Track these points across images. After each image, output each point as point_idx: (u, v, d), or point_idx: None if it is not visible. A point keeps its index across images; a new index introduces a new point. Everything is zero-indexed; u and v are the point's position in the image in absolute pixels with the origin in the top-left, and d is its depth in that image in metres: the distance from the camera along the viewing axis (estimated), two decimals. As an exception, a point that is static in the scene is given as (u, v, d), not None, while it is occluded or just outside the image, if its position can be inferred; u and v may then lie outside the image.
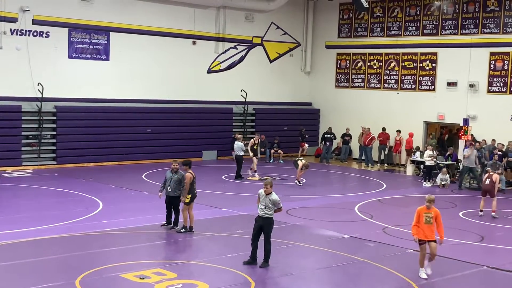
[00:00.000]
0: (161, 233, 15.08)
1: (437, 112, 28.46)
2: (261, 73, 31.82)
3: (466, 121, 25.64)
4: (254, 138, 25.39)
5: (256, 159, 25.03)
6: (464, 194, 22.56)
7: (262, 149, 28.51)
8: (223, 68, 30.46)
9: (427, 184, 23.93)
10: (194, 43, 29.21)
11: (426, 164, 24.41)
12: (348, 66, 31.99)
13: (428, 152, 24.41)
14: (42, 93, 24.49)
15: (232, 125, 30.36)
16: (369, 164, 28.93)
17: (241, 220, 16.52)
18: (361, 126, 29.72)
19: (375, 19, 30.82)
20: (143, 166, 25.87)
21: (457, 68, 27.67)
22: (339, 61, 32.40)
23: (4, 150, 23.98)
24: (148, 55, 27.82)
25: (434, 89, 28.66)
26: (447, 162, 25.36)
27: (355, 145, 30.64)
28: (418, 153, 26.88)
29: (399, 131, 28.90)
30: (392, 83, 30.22)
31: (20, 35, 24.39)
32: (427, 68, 28.88)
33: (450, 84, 28.03)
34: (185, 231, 14.97)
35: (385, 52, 30.44)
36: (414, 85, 29.37)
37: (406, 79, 29.67)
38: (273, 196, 12.56)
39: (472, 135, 25.80)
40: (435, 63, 28.62)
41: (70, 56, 25.76)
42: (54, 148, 25.32)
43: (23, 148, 24.56)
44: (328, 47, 32.73)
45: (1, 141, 23.92)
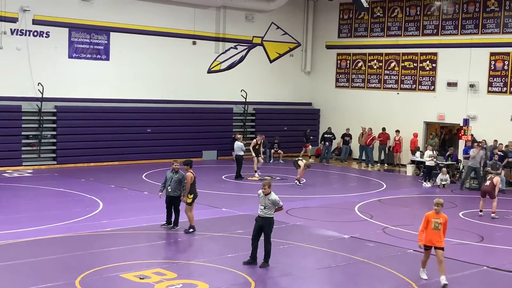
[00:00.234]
0: (161, 233, 15.08)
1: (437, 112, 28.47)
2: (261, 73, 31.82)
3: (466, 121, 25.65)
4: (257, 139, 25.33)
5: (261, 159, 25.01)
6: (464, 194, 22.56)
7: (262, 149, 28.48)
8: (223, 68, 30.46)
9: (427, 184, 23.94)
10: (194, 43, 29.21)
11: (426, 164, 24.41)
12: (348, 66, 31.99)
13: (428, 152, 24.41)
14: (42, 93, 24.50)
15: (232, 125, 30.36)
16: (369, 164, 28.94)
17: (241, 220, 16.53)
18: (361, 126, 29.72)
19: (375, 19, 30.82)
20: (143, 166, 25.88)
21: (457, 68, 27.67)
22: (339, 61, 32.40)
23: (4, 150, 23.99)
24: (148, 55, 27.82)
25: (434, 89, 28.66)
26: (447, 162, 25.37)
27: (355, 145, 30.65)
28: (418, 153, 26.88)
29: (398, 131, 28.91)
30: (392, 83, 30.22)
31: (20, 35, 24.39)
32: (427, 68, 28.88)
33: (450, 84, 28.03)
34: (193, 231, 14.99)
35: (385, 52, 30.44)
36: (414, 85, 29.37)
37: (406, 79, 29.67)
38: (272, 196, 12.55)
39: (472, 135, 25.80)
40: (435, 63, 28.62)
41: (70, 56, 25.76)
42: (54, 148, 25.33)
43: (23, 148, 24.57)
44: (328, 47, 32.73)
45: (1, 141, 23.92)
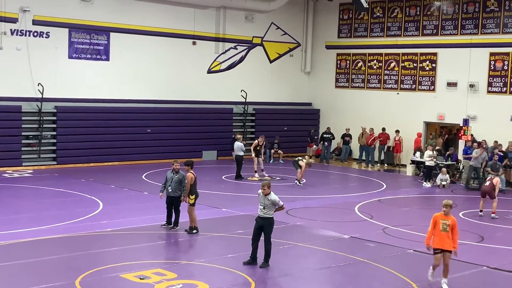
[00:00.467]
0: (161, 233, 15.09)
1: (437, 112, 28.47)
2: (261, 74, 31.81)
3: (466, 121, 25.64)
4: (259, 140, 25.28)
5: (261, 160, 24.96)
6: (464, 195, 22.56)
7: (263, 150, 28.46)
8: (223, 68, 30.46)
9: (427, 184, 23.94)
10: (194, 43, 29.20)
11: (426, 164, 24.41)
12: (348, 66, 31.99)
13: (428, 152, 24.41)
14: (42, 93, 24.50)
15: (232, 125, 30.35)
16: (370, 165, 28.93)
17: (241, 220, 16.53)
18: (362, 127, 29.70)
19: (375, 19, 30.82)
20: (143, 167, 25.88)
21: (457, 68, 27.67)
22: (339, 61, 32.40)
23: (4, 151, 23.99)
24: (148, 56, 27.81)
25: (434, 89, 28.66)
26: (447, 163, 25.37)
27: (355, 145, 30.63)
28: (418, 153, 26.88)
29: (398, 131, 28.90)
30: (392, 83, 30.22)
31: (20, 36, 24.39)
32: (427, 68, 28.88)
33: (450, 84, 28.03)
34: (196, 232, 15.00)
35: (385, 52, 30.43)
36: (414, 85, 29.37)
37: (406, 79, 29.67)
38: (272, 196, 12.54)
39: (472, 135, 25.80)
40: (435, 63, 28.62)
41: (70, 57, 25.76)
42: (54, 148, 25.33)
43: (23, 149, 24.57)
44: (328, 47, 32.73)
45: (1, 142, 23.93)
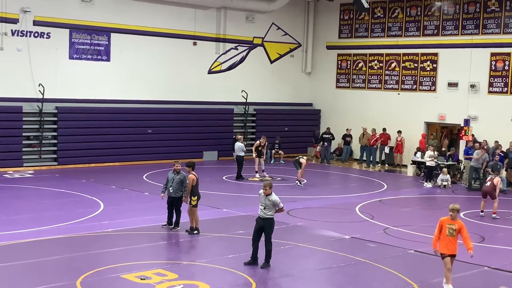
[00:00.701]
0: (162, 234, 15.08)
1: (438, 113, 28.46)
2: (262, 74, 31.82)
3: (467, 122, 25.62)
4: (260, 140, 25.25)
5: (262, 160, 24.91)
6: (465, 195, 22.55)
7: (263, 150, 28.45)
8: (224, 69, 30.47)
9: (428, 185, 23.93)
10: (195, 44, 29.21)
11: (427, 165, 24.39)
12: (349, 67, 31.98)
13: (429, 153, 24.40)
14: (43, 94, 24.50)
15: (233, 126, 30.35)
16: (371, 165, 28.91)
17: (242, 221, 16.53)
18: (362, 127, 29.69)
19: (376, 20, 30.81)
20: (144, 167, 25.88)
21: (458, 69, 27.66)
22: (340, 62, 32.39)
23: (5, 151, 24.00)
24: (149, 56, 27.82)
25: (435, 90, 28.65)
26: (448, 163, 25.35)
27: (356, 146, 30.61)
28: (419, 154, 26.86)
29: (400, 132, 28.89)
30: (393, 84, 30.21)
31: (21, 36, 24.40)
32: (428, 69, 28.87)
33: (451, 85, 28.03)
34: (198, 233, 15.01)
35: (386, 53, 30.43)
36: (415, 86, 29.36)
37: (407, 80, 29.66)
38: (273, 197, 12.53)
39: (473, 136, 25.78)
40: (436, 64, 28.61)
41: (71, 57, 25.77)
42: (55, 149, 25.34)
43: (24, 149, 24.59)
44: (329, 48, 32.72)
45: (2, 142, 23.94)
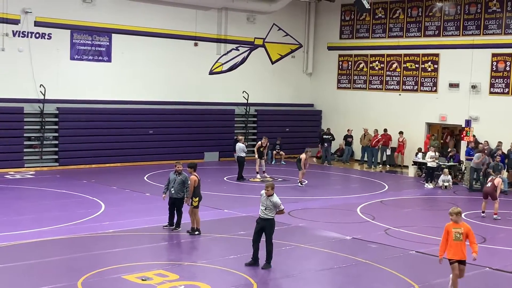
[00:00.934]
0: (163, 235, 15.09)
1: (439, 113, 28.44)
2: (263, 75, 31.81)
3: (468, 122, 25.60)
4: (262, 141, 25.23)
5: (263, 161, 24.88)
6: (467, 196, 22.54)
7: (265, 151, 28.43)
8: (225, 70, 30.46)
9: (429, 186, 23.91)
10: (196, 45, 29.21)
11: (428, 166, 24.37)
12: (350, 68, 31.97)
13: (430, 154, 24.38)
14: (44, 95, 24.51)
15: (234, 127, 30.36)
16: (372, 166, 28.89)
17: (243, 222, 16.52)
18: (363, 128, 29.68)
19: (377, 21, 30.80)
20: (145, 168, 25.88)
21: (459, 69, 27.64)
22: (341, 63, 32.38)
23: (6, 152, 24.01)
24: (150, 57, 27.82)
25: (436, 90, 28.64)
26: (449, 163, 25.33)
27: (357, 146, 30.59)
28: (420, 155, 26.84)
29: (402, 133, 28.88)
30: (394, 84, 30.19)
31: (22, 37, 24.42)
32: (429, 69, 28.86)
33: (452, 85, 28.01)
34: (199, 233, 15.01)
35: (387, 54, 30.41)
36: (416, 86, 29.35)
37: (408, 80, 29.65)
38: (274, 198, 12.52)
39: (474, 136, 25.76)
40: (437, 64, 28.59)
41: (72, 58, 25.78)
42: (56, 150, 25.34)
43: (25, 150, 24.60)
44: (330, 49, 32.71)
45: (3, 143, 23.95)
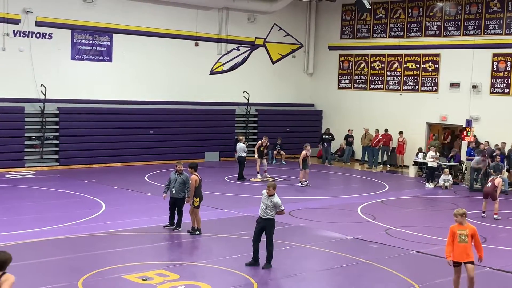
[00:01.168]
0: (164, 235, 15.09)
1: (440, 113, 28.42)
2: (264, 75, 31.81)
3: (469, 123, 25.59)
4: (262, 140, 25.20)
5: (265, 162, 24.81)
6: (467, 196, 22.53)
7: (265, 151, 28.41)
8: (226, 70, 30.46)
9: (430, 186, 23.90)
10: (197, 45, 29.21)
11: (429, 166, 24.36)
12: (351, 68, 31.96)
13: (431, 154, 24.37)
14: (45, 95, 24.51)
15: (235, 127, 30.35)
16: (373, 166, 28.88)
17: (244, 222, 16.52)
18: (364, 128, 29.67)
19: (378, 21, 30.79)
20: (146, 168, 25.89)
21: (460, 69, 27.63)
22: (342, 63, 32.38)
23: (7, 152, 24.01)
24: (151, 57, 27.82)
25: (437, 90, 28.63)
26: (450, 164, 25.32)
27: (358, 146, 30.58)
28: (421, 155, 26.84)
29: (402, 133, 28.87)
30: (395, 84, 30.18)
31: (23, 37, 24.42)
32: (430, 69, 28.84)
33: (453, 85, 28.00)
34: (199, 233, 15.01)
35: (388, 54, 30.40)
36: (417, 86, 29.34)
37: (409, 80, 29.64)
38: (275, 199, 12.51)
39: (475, 136, 25.76)
40: (438, 64, 28.58)
41: (73, 58, 25.78)
42: (57, 150, 25.35)
43: (26, 150, 24.60)
44: (331, 49, 32.71)
45: (4, 143, 23.95)
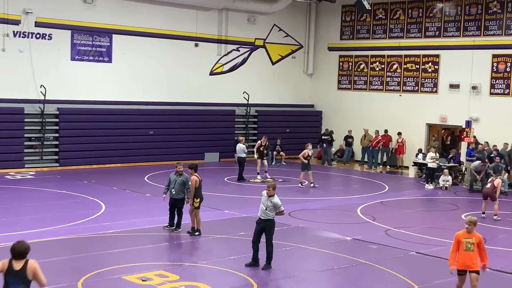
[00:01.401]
0: (164, 235, 15.09)
1: (440, 114, 28.43)
2: (264, 75, 31.82)
3: (469, 123, 25.60)
4: (261, 140, 25.19)
5: (265, 162, 24.78)
6: (467, 196, 22.53)
7: (265, 151, 28.41)
8: (226, 70, 30.47)
9: (429, 186, 23.91)
10: (197, 45, 29.21)
11: (428, 166, 24.36)
12: (351, 68, 31.97)
13: (430, 154, 24.38)
14: (45, 95, 24.51)
15: (235, 127, 30.36)
16: (373, 166, 28.88)
17: (243, 222, 16.52)
18: (364, 129, 29.68)
19: (378, 21, 30.80)
20: (146, 168, 25.89)
21: (460, 70, 27.64)
22: (342, 63, 32.39)
23: (7, 152, 24.01)
24: (151, 57, 27.83)
25: (437, 91, 28.64)
26: (450, 164, 25.33)
27: (358, 147, 30.58)
28: (421, 155, 26.85)
29: (401, 133, 28.88)
30: (395, 85, 30.19)
31: (23, 37, 24.43)
32: (430, 70, 28.86)
33: (453, 86, 28.01)
34: (199, 234, 15.02)
35: (388, 54, 30.41)
36: (417, 87, 29.35)
37: (409, 81, 29.65)
38: (275, 199, 12.51)
39: (475, 137, 25.77)
40: (438, 65, 28.59)
41: (73, 58, 25.79)
42: (57, 150, 25.35)
43: (26, 150, 24.60)
44: (330, 49, 32.72)
45: (4, 143, 23.96)
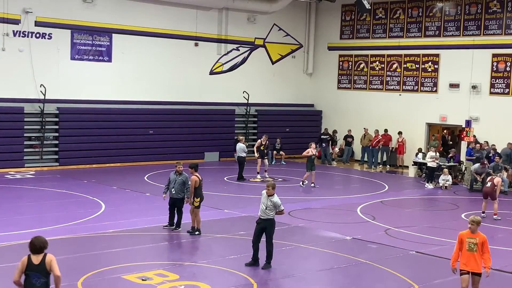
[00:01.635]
0: (164, 235, 15.09)
1: (440, 114, 28.44)
2: (263, 75, 31.82)
3: (469, 123, 25.60)
4: (262, 139, 25.18)
5: (266, 161, 24.75)
6: (467, 196, 22.54)
7: (265, 150, 28.39)
8: (225, 70, 30.47)
9: (429, 186, 23.91)
10: (197, 45, 29.22)
11: (428, 166, 24.37)
12: (350, 68, 31.97)
13: (430, 154, 24.38)
14: (45, 95, 24.52)
15: (234, 127, 30.36)
16: (373, 166, 28.89)
17: (243, 222, 16.53)
18: (364, 128, 29.69)
19: (377, 21, 30.80)
20: (146, 168, 25.89)
21: (460, 70, 27.65)
22: (341, 63, 32.39)
23: (7, 152, 24.02)
24: (151, 57, 27.83)
25: (437, 91, 28.64)
26: (449, 164, 25.33)
27: (357, 147, 30.59)
28: (420, 155, 26.85)
29: (401, 133, 28.89)
30: (394, 85, 30.19)
31: (23, 37, 24.43)
32: (429, 70, 28.86)
33: (453, 86, 28.02)
34: (199, 234, 15.02)
35: (387, 54, 30.41)
36: (416, 87, 29.35)
37: (408, 81, 29.65)
38: (274, 199, 12.52)
39: (475, 137, 25.77)
40: (437, 65, 28.59)
41: (73, 58, 25.79)
42: (57, 150, 25.36)
43: (26, 150, 24.61)
44: (330, 49, 32.72)
45: (4, 143, 23.96)
